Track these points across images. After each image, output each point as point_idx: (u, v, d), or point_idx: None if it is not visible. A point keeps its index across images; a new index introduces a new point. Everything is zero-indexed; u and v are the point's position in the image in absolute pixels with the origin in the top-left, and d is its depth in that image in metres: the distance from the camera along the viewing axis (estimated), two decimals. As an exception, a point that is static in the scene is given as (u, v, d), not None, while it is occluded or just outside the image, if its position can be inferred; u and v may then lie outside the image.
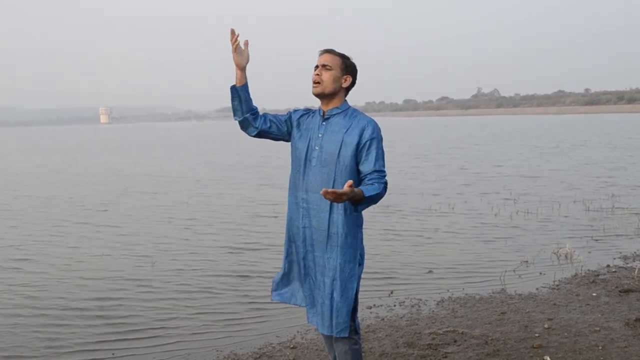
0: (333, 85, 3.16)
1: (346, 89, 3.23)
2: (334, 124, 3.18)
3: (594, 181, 14.85)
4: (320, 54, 3.20)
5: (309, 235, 3.17)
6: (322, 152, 3.14)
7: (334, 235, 3.10)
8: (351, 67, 3.21)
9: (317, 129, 3.21)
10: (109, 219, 10.92)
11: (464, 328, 4.87)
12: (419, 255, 7.66)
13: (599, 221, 9.51)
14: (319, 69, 3.17)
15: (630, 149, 25.56)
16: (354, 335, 3.17)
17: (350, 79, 3.21)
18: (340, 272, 3.08)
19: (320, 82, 3.15)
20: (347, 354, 3.20)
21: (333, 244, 3.10)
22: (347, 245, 3.10)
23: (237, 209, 11.89)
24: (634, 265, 6.68)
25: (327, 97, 3.19)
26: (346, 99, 3.25)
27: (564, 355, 4.20)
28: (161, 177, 18.75)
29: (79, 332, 5.18)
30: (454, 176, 16.84)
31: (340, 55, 3.19)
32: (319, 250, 3.14)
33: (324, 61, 3.16)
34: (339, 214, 3.09)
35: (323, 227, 3.12)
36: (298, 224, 3.21)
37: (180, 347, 4.81)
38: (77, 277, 6.94)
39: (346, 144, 3.10)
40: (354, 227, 3.13)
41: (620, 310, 5.15)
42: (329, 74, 3.15)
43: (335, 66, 3.15)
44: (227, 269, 7.15)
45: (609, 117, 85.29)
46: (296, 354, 4.51)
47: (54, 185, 17.38)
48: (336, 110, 3.20)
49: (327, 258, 3.11)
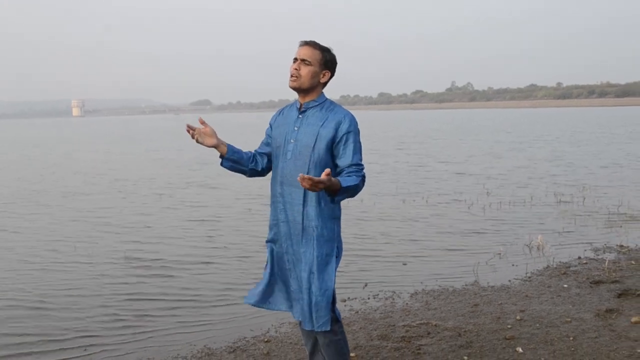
0: (311, 81, 3.11)
1: (324, 83, 3.18)
2: (310, 116, 3.14)
3: (565, 175, 15.03)
4: (301, 45, 3.14)
5: (286, 230, 3.13)
6: (297, 145, 3.10)
7: (309, 228, 3.06)
8: (331, 62, 3.16)
9: (294, 122, 3.17)
10: (84, 208, 10.78)
11: (437, 320, 4.89)
12: (393, 248, 7.69)
13: (570, 213, 9.64)
14: (298, 63, 3.10)
15: (606, 143, 25.92)
16: (334, 326, 3.14)
17: (329, 74, 3.17)
18: (317, 266, 3.04)
19: (298, 77, 3.10)
20: (329, 347, 3.18)
21: (308, 237, 3.07)
22: (323, 238, 3.06)
23: (214, 201, 11.82)
24: (605, 257, 6.78)
25: (304, 91, 3.15)
26: (323, 92, 3.21)
27: (536, 346, 4.25)
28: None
29: (49, 327, 5.10)
30: (427, 169, 16.94)
31: (320, 48, 3.13)
32: (296, 244, 3.11)
33: (303, 55, 3.10)
34: (312, 206, 3.06)
35: (298, 220, 3.08)
36: (277, 218, 3.17)
37: (154, 342, 4.75)
38: (49, 270, 6.84)
39: (321, 137, 3.06)
40: (330, 220, 3.09)
41: (591, 302, 5.22)
42: (307, 70, 3.09)
43: (314, 62, 3.10)
44: (198, 263, 7.10)
45: (580, 111, 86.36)
46: (270, 347, 4.49)
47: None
48: (313, 103, 3.16)
49: (302, 252, 3.08)
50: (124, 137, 44.60)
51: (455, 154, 21.66)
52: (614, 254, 6.95)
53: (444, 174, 15.72)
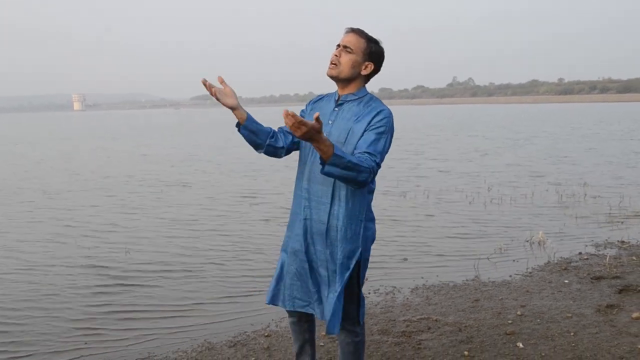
0: (351, 71, 2.90)
1: (366, 76, 2.97)
2: (346, 110, 2.92)
3: (566, 171, 15.02)
4: (346, 32, 2.92)
5: (309, 228, 2.96)
6: (329, 139, 2.73)
7: (333, 228, 2.89)
8: (376, 54, 2.94)
9: (329, 115, 2.96)
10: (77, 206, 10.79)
11: (438, 315, 4.89)
12: (393, 243, 7.68)
13: (572, 209, 9.62)
14: (340, 49, 2.89)
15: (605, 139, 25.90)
16: (357, 327, 3.10)
17: (372, 66, 2.94)
18: (339, 268, 2.89)
19: (337, 65, 2.89)
20: (348, 346, 3.14)
21: (332, 237, 2.90)
22: (346, 240, 2.88)
23: (221, 194, 11.82)
24: (605, 253, 6.77)
25: (342, 82, 2.95)
26: (365, 86, 2.99)
27: (537, 341, 4.24)
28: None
29: (51, 321, 5.10)
30: (427, 164, 16.93)
31: (367, 38, 2.91)
32: (319, 244, 2.94)
33: (346, 42, 2.88)
34: (340, 205, 2.88)
35: (323, 220, 2.91)
36: (300, 217, 3.00)
37: (154, 336, 4.75)
38: (45, 264, 6.85)
39: (354, 132, 2.84)
40: (355, 221, 2.90)
41: (592, 297, 5.21)
42: (348, 58, 2.88)
43: (357, 50, 2.88)
44: (199, 256, 7.10)
45: (581, 107, 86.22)
46: (270, 341, 4.49)
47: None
48: (351, 97, 2.95)
49: (329, 253, 2.92)
50: (130, 132, 44.59)
51: (456, 150, 21.63)
52: (615, 250, 6.94)
53: (444, 169, 15.69)
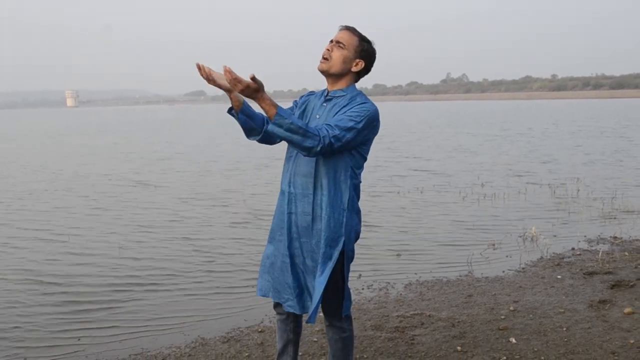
0: (341, 66, 2.92)
1: (357, 73, 2.98)
2: (334, 106, 2.93)
3: (559, 166, 15.06)
4: (340, 29, 2.95)
5: (294, 222, 2.98)
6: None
7: (318, 218, 2.91)
8: (368, 53, 2.97)
9: (317, 110, 2.98)
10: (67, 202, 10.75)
11: (431, 311, 4.90)
12: (387, 238, 7.69)
13: (565, 205, 9.65)
14: (332, 45, 2.92)
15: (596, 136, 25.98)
16: (344, 323, 3.11)
17: (362, 64, 2.96)
18: (321, 257, 2.89)
19: (329, 59, 2.91)
20: (336, 343, 3.16)
21: (317, 228, 2.92)
22: (329, 228, 2.89)
23: (210, 190, 11.80)
24: (598, 248, 6.79)
25: (332, 77, 2.96)
26: (354, 84, 3.01)
27: (529, 336, 4.26)
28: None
29: (42, 317, 5.08)
30: (421, 161, 16.94)
31: (359, 36, 2.95)
32: (305, 236, 2.96)
33: (339, 38, 2.92)
34: (322, 194, 2.89)
35: (307, 211, 2.93)
36: (284, 211, 3.00)
37: (147, 331, 4.75)
38: (39, 260, 6.83)
39: None
40: (338, 210, 2.91)
41: (584, 293, 5.23)
42: (339, 53, 2.90)
43: (349, 46, 2.91)
44: (192, 252, 7.09)
45: (575, 103, 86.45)
46: (264, 337, 4.49)
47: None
48: (340, 93, 2.96)
49: (314, 243, 2.93)
50: (137, 129, 44.47)
51: (449, 145, 21.65)
52: (608, 245, 6.96)
53: (438, 164, 15.71)
